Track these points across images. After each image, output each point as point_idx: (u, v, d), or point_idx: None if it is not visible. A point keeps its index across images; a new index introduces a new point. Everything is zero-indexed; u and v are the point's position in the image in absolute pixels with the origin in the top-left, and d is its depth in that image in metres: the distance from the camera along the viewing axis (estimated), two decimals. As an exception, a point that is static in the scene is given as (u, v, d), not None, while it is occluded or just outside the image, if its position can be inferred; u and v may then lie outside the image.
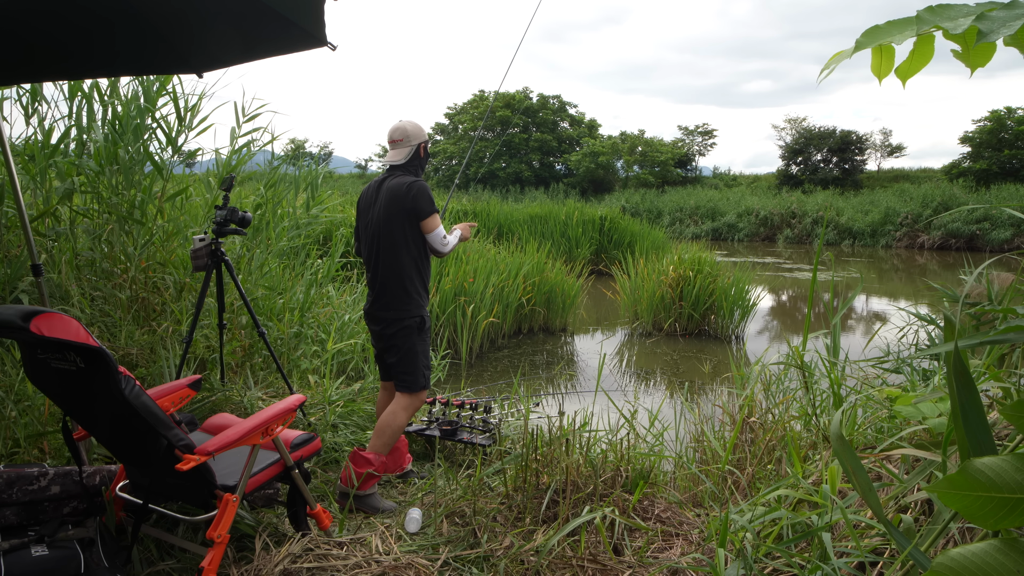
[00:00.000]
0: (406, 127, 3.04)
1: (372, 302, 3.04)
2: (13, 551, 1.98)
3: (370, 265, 3.04)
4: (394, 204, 2.93)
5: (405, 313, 2.96)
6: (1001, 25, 0.77)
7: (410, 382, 2.98)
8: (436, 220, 2.95)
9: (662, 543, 2.38)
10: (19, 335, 1.77)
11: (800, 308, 11.23)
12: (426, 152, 3.10)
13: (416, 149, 3.04)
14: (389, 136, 3.06)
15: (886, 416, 2.23)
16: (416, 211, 2.91)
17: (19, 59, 2.73)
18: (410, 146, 3.03)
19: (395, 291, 2.96)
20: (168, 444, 1.98)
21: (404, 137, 3.03)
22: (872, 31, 0.92)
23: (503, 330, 8.01)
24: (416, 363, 2.99)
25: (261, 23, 2.44)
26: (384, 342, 3.03)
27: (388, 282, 2.96)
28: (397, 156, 3.02)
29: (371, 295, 3.06)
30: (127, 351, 3.42)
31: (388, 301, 2.97)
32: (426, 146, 3.09)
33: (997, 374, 2.08)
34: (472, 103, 39.47)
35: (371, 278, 3.05)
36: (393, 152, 3.04)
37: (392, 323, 2.97)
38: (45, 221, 3.58)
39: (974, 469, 0.92)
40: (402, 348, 2.98)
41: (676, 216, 26.41)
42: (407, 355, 2.98)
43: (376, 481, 2.89)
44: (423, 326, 3.01)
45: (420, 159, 3.07)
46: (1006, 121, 25.65)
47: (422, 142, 3.06)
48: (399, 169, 3.02)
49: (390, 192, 2.96)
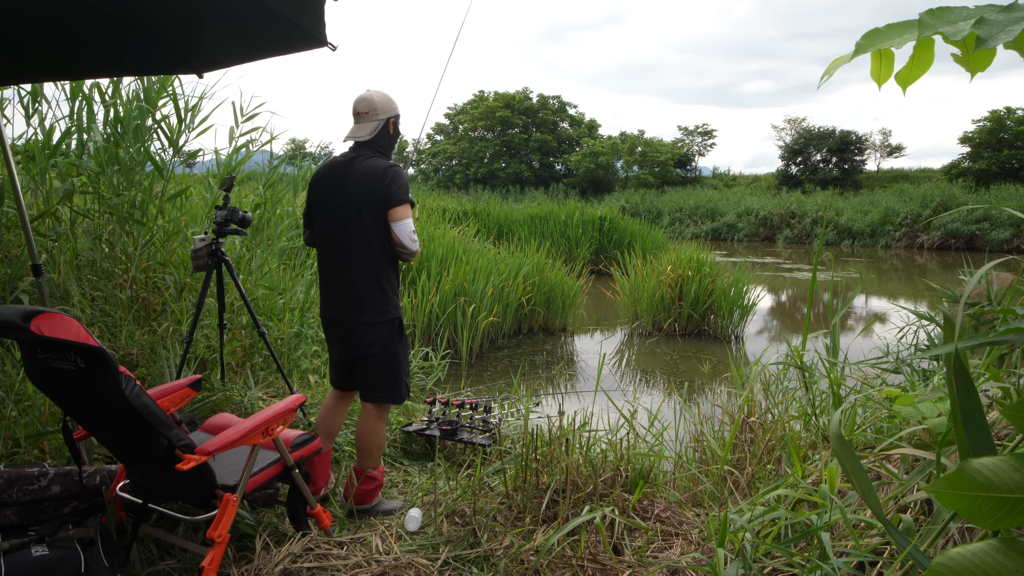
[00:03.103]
0: (373, 97, 2.65)
1: (338, 306, 2.68)
2: (13, 551, 1.98)
3: (332, 260, 2.67)
4: (367, 190, 2.56)
5: (383, 315, 2.64)
6: (1000, 30, 0.77)
7: (393, 393, 2.71)
8: (408, 211, 2.59)
9: (662, 543, 2.38)
10: (19, 335, 1.77)
11: (799, 308, 11.23)
12: (396, 129, 2.72)
13: (385, 124, 2.67)
14: (354, 108, 2.68)
15: (885, 416, 2.23)
16: (387, 196, 2.55)
17: (19, 59, 2.73)
18: (377, 120, 2.65)
19: (369, 291, 2.62)
20: (168, 444, 1.98)
21: (370, 109, 2.64)
22: (872, 34, 0.92)
23: (503, 330, 8.01)
24: (399, 371, 2.72)
25: (261, 23, 2.45)
26: (358, 351, 2.67)
27: (360, 281, 2.61)
28: (362, 131, 2.65)
29: (332, 296, 2.70)
30: (127, 351, 3.42)
31: (362, 303, 2.63)
32: (396, 122, 2.71)
33: (997, 374, 2.08)
34: (472, 103, 39.46)
35: (333, 275, 2.68)
36: (357, 126, 2.67)
37: (368, 328, 2.64)
38: (45, 221, 3.58)
39: (972, 469, 0.93)
40: (382, 356, 2.67)
41: (676, 216, 26.42)
42: (389, 363, 2.69)
43: (380, 490, 2.83)
44: (403, 329, 2.73)
45: (389, 136, 2.70)
46: (1006, 121, 25.67)
47: (391, 116, 2.69)
48: (365, 147, 2.65)
49: (361, 176, 2.58)
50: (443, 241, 8.23)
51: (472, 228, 11.49)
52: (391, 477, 3.24)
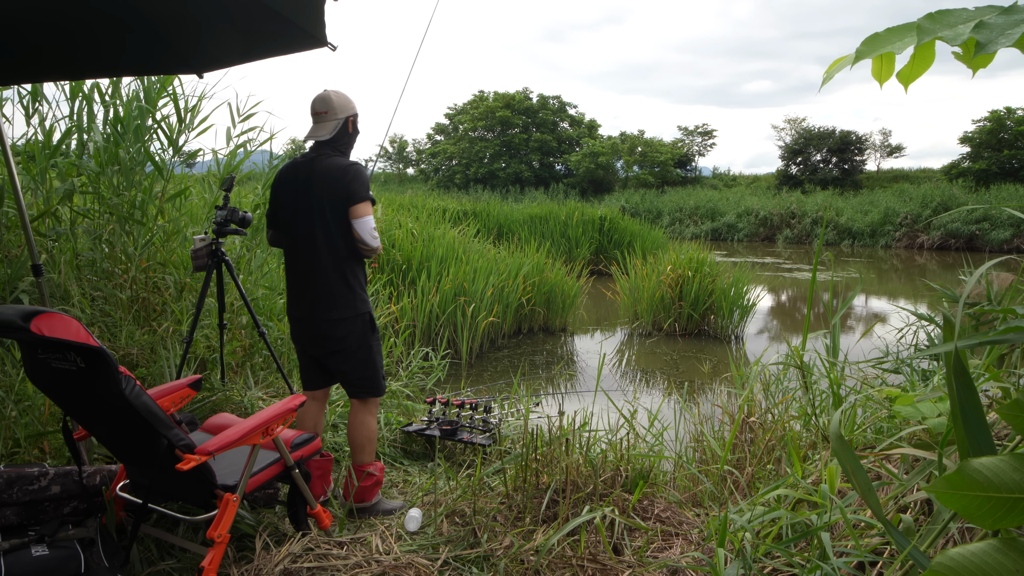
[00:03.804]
0: (331, 97, 2.70)
1: (307, 304, 2.71)
2: (13, 551, 1.99)
3: (299, 258, 2.72)
4: (330, 188, 2.62)
5: (352, 311, 2.69)
6: (999, 34, 0.77)
7: (372, 386, 2.76)
8: (368, 208, 2.64)
9: (662, 543, 2.38)
10: (19, 335, 1.77)
11: (799, 308, 11.23)
12: (355, 128, 2.77)
13: (344, 123, 2.71)
14: (312, 108, 2.72)
15: (885, 416, 2.23)
16: (349, 194, 2.60)
17: (19, 59, 2.73)
18: (336, 119, 2.69)
19: (339, 289, 2.67)
20: (168, 444, 1.98)
21: (329, 109, 2.69)
22: (872, 39, 0.92)
23: (503, 330, 8.01)
24: (376, 363, 2.77)
25: (261, 23, 2.45)
26: (331, 344, 2.72)
27: (330, 279, 2.66)
28: (322, 131, 2.69)
29: (299, 294, 2.74)
30: (127, 351, 3.42)
31: (332, 301, 2.67)
32: (355, 121, 2.76)
33: (997, 374, 2.08)
34: (472, 103, 39.47)
35: (300, 273, 2.72)
36: (316, 126, 2.71)
37: (341, 325, 2.69)
38: (45, 221, 3.58)
39: (972, 469, 0.93)
40: (357, 351, 2.72)
41: (676, 216, 26.42)
42: (365, 357, 2.74)
43: (379, 488, 2.83)
44: (374, 323, 2.78)
45: (349, 135, 2.74)
46: (1006, 121, 25.67)
47: (350, 115, 2.73)
48: (326, 147, 2.69)
49: (324, 175, 2.63)
50: (443, 241, 8.23)
51: (472, 228, 11.49)
52: (391, 477, 3.24)
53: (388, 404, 4.05)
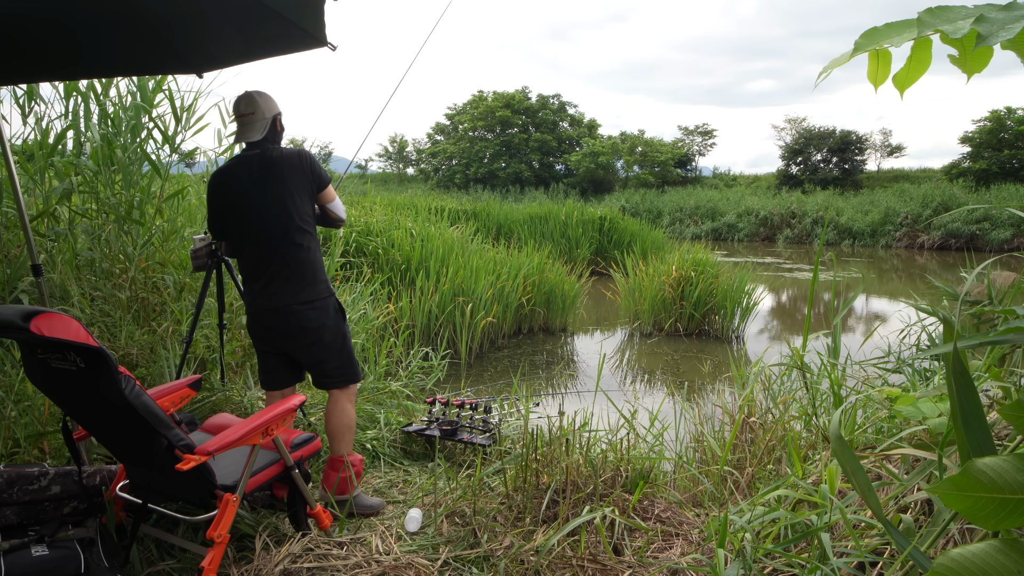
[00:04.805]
0: (254, 98, 2.69)
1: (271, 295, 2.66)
2: (13, 551, 1.98)
3: (267, 251, 2.66)
4: (292, 176, 2.63)
5: (325, 293, 2.71)
6: (1000, 28, 0.77)
7: (350, 373, 2.77)
8: (333, 190, 2.80)
9: (662, 543, 2.38)
10: (19, 335, 1.77)
11: (800, 308, 11.23)
12: (281, 126, 2.78)
13: (272, 122, 2.72)
14: (237, 110, 2.70)
15: (886, 416, 2.23)
16: (318, 179, 2.68)
17: (17, 59, 2.73)
18: (264, 119, 2.69)
19: (305, 277, 2.66)
20: (168, 444, 1.98)
21: (256, 109, 2.68)
22: (871, 33, 0.91)
23: (503, 330, 8.01)
24: (350, 349, 2.78)
25: (261, 23, 2.45)
26: (305, 337, 2.70)
27: (295, 268, 2.64)
28: (253, 132, 2.68)
29: (263, 289, 2.69)
30: (127, 351, 3.42)
31: (299, 290, 2.65)
32: (280, 119, 2.77)
33: (997, 374, 2.08)
34: (472, 103, 39.47)
35: (262, 268, 2.68)
36: (246, 128, 2.69)
37: (313, 315, 2.67)
38: (44, 221, 3.58)
39: (976, 470, 0.93)
40: (331, 339, 2.72)
41: (676, 216, 26.41)
42: (341, 345, 2.74)
43: (359, 479, 2.78)
44: (343, 308, 2.78)
45: (277, 133, 2.76)
46: (1006, 121, 25.65)
47: (276, 114, 2.74)
48: (260, 146, 2.69)
49: (279, 165, 2.63)
50: (441, 241, 8.22)
51: (471, 228, 11.49)
52: (391, 477, 3.24)
53: (388, 404, 4.05)
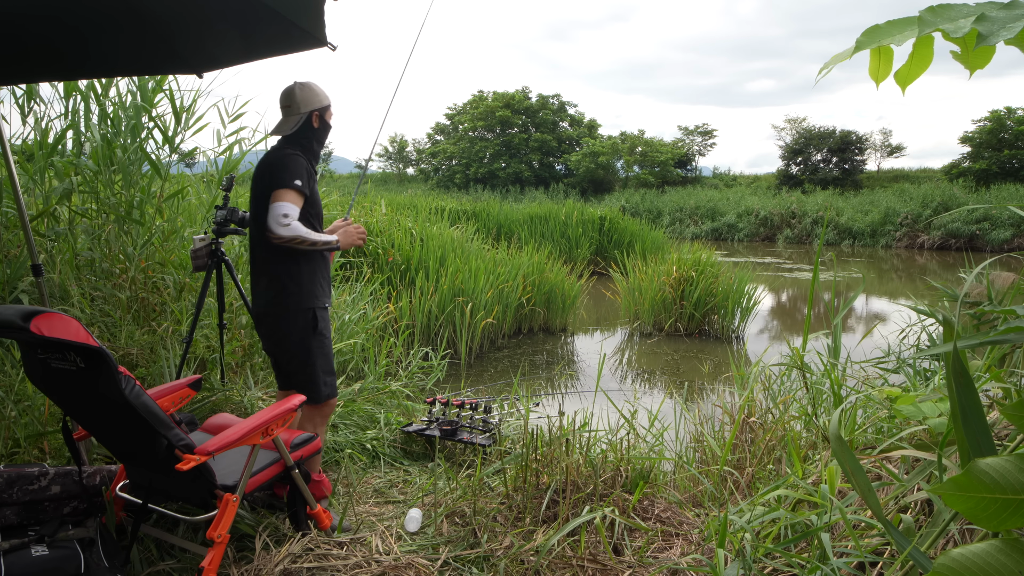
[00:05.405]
0: (293, 91, 2.62)
1: (255, 296, 2.64)
2: (13, 551, 1.98)
3: (255, 253, 2.64)
4: (267, 179, 2.53)
5: (292, 306, 2.56)
6: (1001, 27, 0.77)
7: (312, 392, 2.61)
8: (287, 195, 2.43)
9: (662, 543, 2.38)
10: (19, 335, 1.77)
11: (800, 308, 11.23)
12: (322, 122, 2.67)
13: (307, 118, 2.62)
14: (279, 101, 2.68)
15: (886, 416, 2.23)
16: (280, 181, 2.45)
17: (16, 59, 2.73)
18: (298, 114, 2.61)
19: (280, 280, 2.56)
20: (168, 444, 1.98)
21: (291, 103, 2.62)
22: (872, 31, 0.91)
23: (503, 330, 8.01)
24: (314, 368, 2.62)
25: (261, 23, 2.45)
26: (273, 342, 2.66)
27: (275, 273, 2.57)
28: (284, 126, 2.63)
29: (253, 289, 2.66)
30: (127, 351, 3.42)
31: (274, 294, 2.57)
32: (321, 114, 2.66)
33: (997, 374, 2.08)
34: (472, 103, 39.47)
35: (254, 268, 2.66)
36: (282, 120, 2.66)
37: (280, 320, 2.58)
38: (44, 221, 3.58)
39: (979, 470, 0.92)
40: (295, 351, 2.60)
41: (676, 216, 26.41)
42: (305, 359, 2.60)
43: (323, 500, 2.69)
44: (317, 324, 2.60)
45: (313, 130, 2.64)
46: (1006, 121, 25.66)
47: (314, 109, 2.63)
48: (287, 141, 2.62)
49: (266, 164, 2.58)
50: (441, 240, 8.22)
51: (471, 228, 11.48)
52: (391, 477, 3.24)
53: (388, 404, 4.05)
